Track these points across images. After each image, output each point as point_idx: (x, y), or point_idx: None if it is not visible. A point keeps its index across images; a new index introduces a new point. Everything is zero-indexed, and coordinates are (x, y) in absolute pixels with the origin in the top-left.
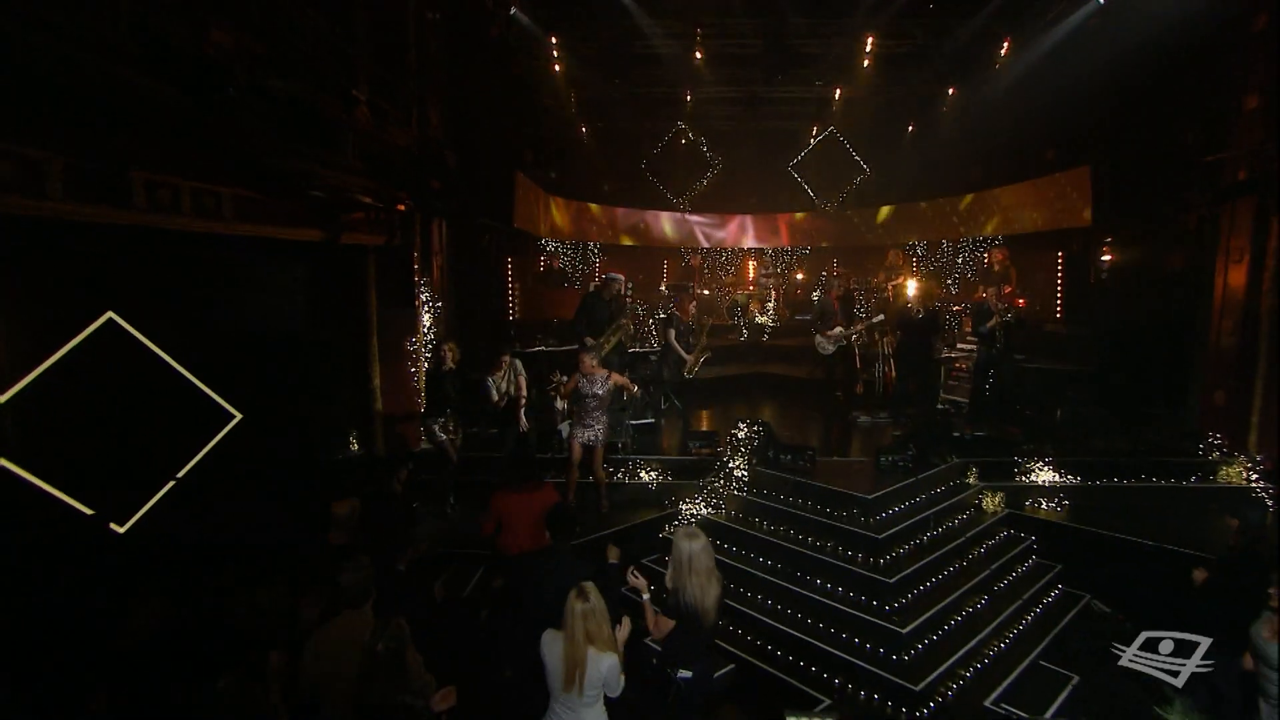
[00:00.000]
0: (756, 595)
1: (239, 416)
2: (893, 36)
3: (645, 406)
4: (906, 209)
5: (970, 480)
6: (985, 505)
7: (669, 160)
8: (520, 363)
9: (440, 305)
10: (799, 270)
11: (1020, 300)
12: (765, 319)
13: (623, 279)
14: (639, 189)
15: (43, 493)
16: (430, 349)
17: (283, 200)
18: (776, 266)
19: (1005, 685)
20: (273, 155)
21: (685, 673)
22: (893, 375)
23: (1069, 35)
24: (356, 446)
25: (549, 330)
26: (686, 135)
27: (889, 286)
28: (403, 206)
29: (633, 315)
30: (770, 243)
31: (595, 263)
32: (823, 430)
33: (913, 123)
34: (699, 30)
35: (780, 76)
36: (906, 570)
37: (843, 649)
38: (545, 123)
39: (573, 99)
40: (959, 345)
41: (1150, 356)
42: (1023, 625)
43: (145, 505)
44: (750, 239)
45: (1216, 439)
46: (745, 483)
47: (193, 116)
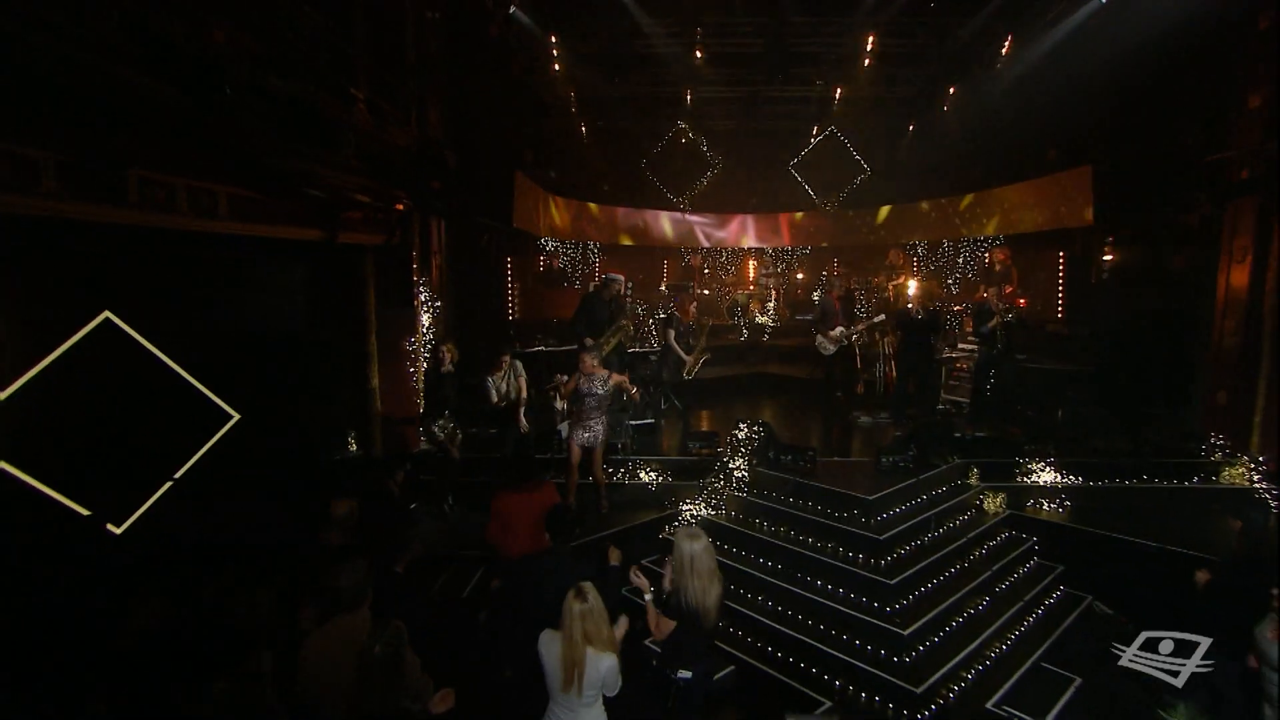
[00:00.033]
0: (757, 596)
1: (236, 417)
2: (893, 35)
3: (645, 407)
4: (907, 209)
5: (971, 481)
6: (986, 506)
7: (669, 160)
8: (520, 364)
9: (439, 305)
10: (799, 270)
11: (1021, 300)
12: (765, 319)
13: (623, 279)
14: (639, 188)
15: (40, 493)
16: (429, 349)
17: (281, 199)
18: (777, 266)
19: (1007, 687)
20: (270, 154)
21: (685, 673)
22: (893, 375)
23: (1070, 34)
24: (355, 447)
25: (548, 330)
26: (686, 135)
27: (890, 286)
28: (401, 206)
29: (633, 315)
30: (771, 242)
31: (595, 262)
32: (823, 431)
33: (913, 122)
34: (699, 29)
35: (780, 76)
36: (908, 571)
37: (843, 651)
38: (545, 122)
39: (572, 98)
40: (960, 345)
41: (1152, 357)
42: (1024, 627)
43: (142, 506)
44: (751, 238)
45: (1219, 440)
46: (745, 483)
47: (190, 115)
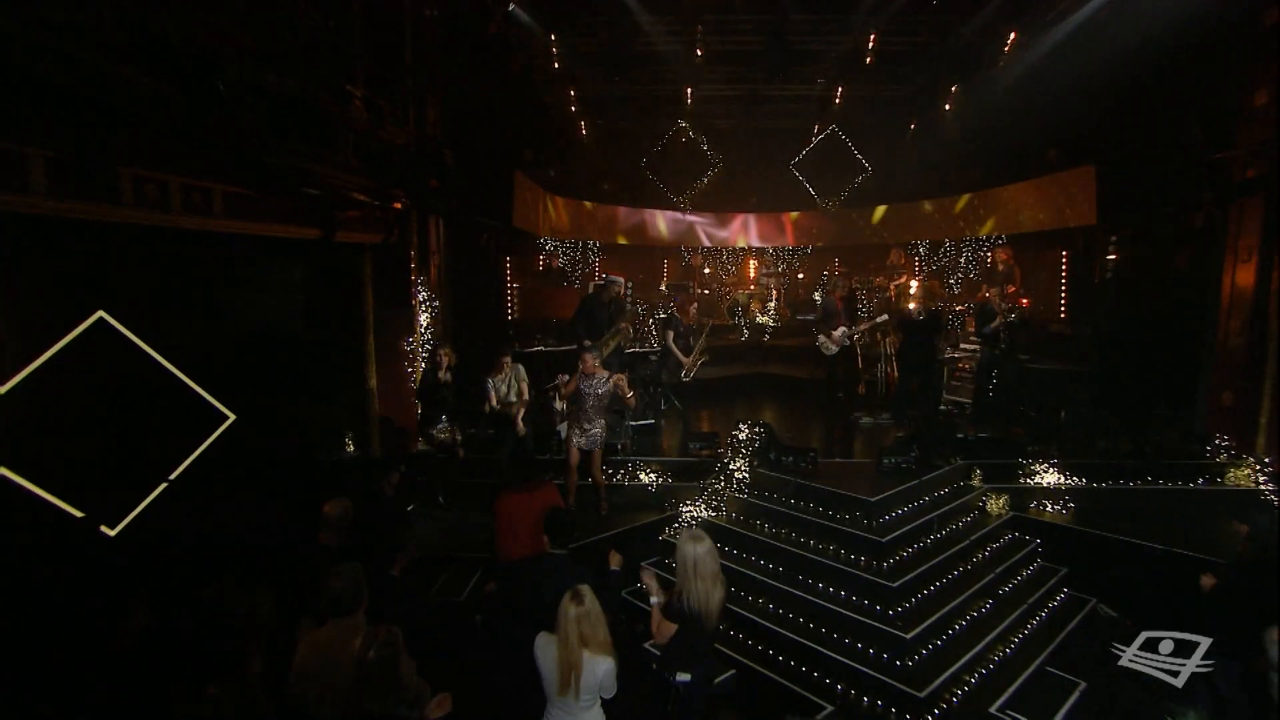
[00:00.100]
0: (757, 599)
1: (232, 417)
2: (895, 34)
3: (645, 407)
4: (908, 208)
5: (974, 482)
6: (989, 508)
7: (669, 159)
8: (522, 368)
9: (438, 305)
10: (800, 270)
11: (1024, 300)
12: (766, 319)
13: (623, 281)
14: (639, 188)
15: (34, 495)
16: (427, 350)
17: (277, 198)
18: (778, 266)
19: (1011, 691)
20: (266, 152)
21: (684, 676)
22: (895, 375)
23: (1072, 32)
24: (352, 448)
25: (548, 330)
26: (687, 134)
27: (891, 286)
28: (399, 205)
29: (633, 316)
30: (772, 242)
31: (595, 262)
32: (824, 431)
33: (915, 121)
34: (699, 27)
35: (781, 74)
36: (910, 574)
37: (845, 654)
38: (545, 121)
39: (572, 97)
40: (962, 345)
41: (1156, 357)
42: (1028, 630)
43: (137, 507)
44: (752, 238)
45: (1224, 441)
46: (746, 485)
47: (182, 111)
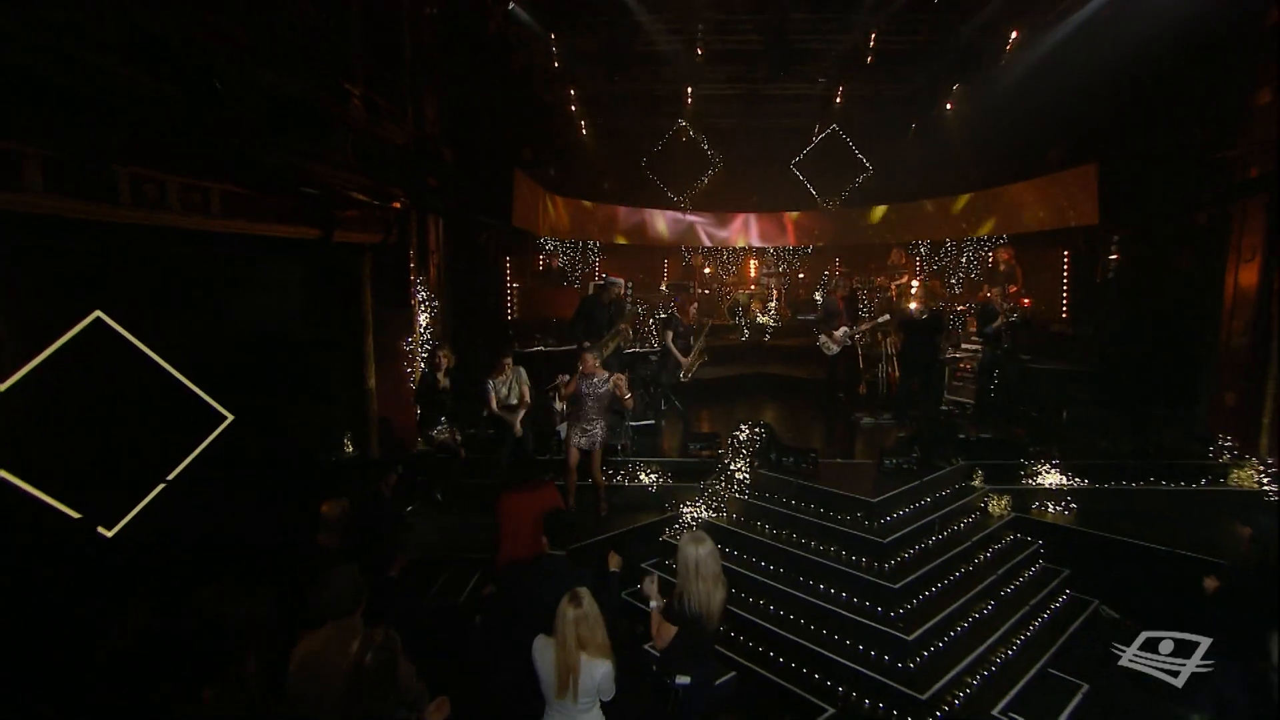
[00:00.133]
0: (758, 600)
1: (230, 418)
2: (896, 32)
3: (645, 407)
4: (909, 208)
5: (976, 483)
6: (991, 508)
7: (669, 158)
8: (524, 371)
9: (437, 305)
10: (801, 270)
11: (1026, 300)
12: (767, 319)
13: (622, 283)
14: (639, 187)
15: (30, 495)
16: (426, 350)
17: (275, 197)
18: (778, 266)
19: (1013, 694)
20: (263, 150)
21: (684, 679)
22: (896, 375)
23: (1074, 31)
24: (351, 448)
25: (548, 330)
26: (687, 133)
27: (892, 286)
28: (398, 204)
29: (633, 316)
30: (772, 242)
31: (595, 262)
32: (825, 432)
33: (916, 120)
34: (700, 26)
35: (782, 73)
36: (911, 575)
37: (846, 656)
38: (544, 120)
39: (572, 96)
40: (963, 346)
41: (1158, 357)
42: (1030, 631)
43: (134, 508)
44: (753, 238)
45: (1227, 441)
46: (746, 485)
47: (180, 110)
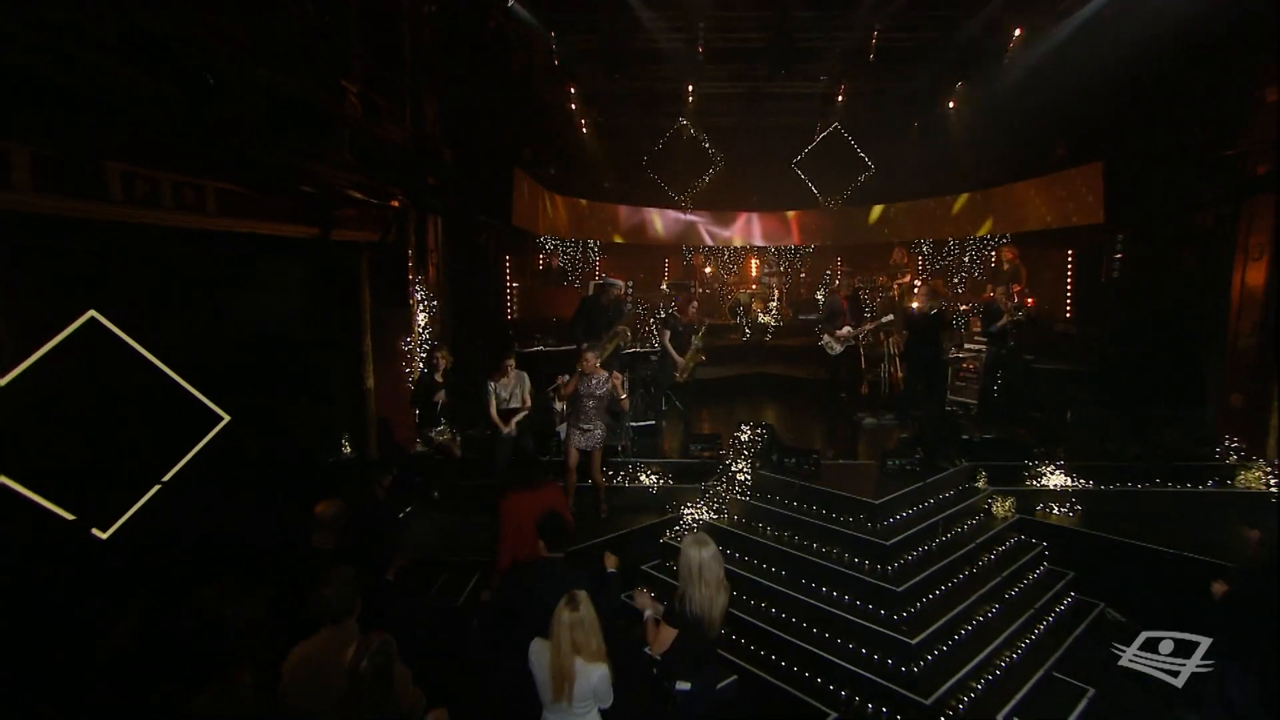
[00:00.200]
0: (760, 603)
1: (226, 418)
2: (898, 30)
3: (646, 408)
4: (911, 207)
5: (979, 484)
6: (995, 510)
7: (670, 157)
8: (528, 377)
9: (436, 304)
10: (803, 269)
11: (1029, 300)
12: (768, 318)
13: (621, 284)
14: (640, 186)
15: (24, 497)
16: (425, 350)
17: (271, 195)
18: (779, 265)
19: (1018, 698)
20: (259, 148)
21: (684, 685)
22: (898, 375)
23: (1079, 28)
24: (349, 449)
25: (547, 330)
26: (688, 131)
27: (894, 285)
28: (397, 203)
29: (633, 316)
30: (774, 241)
31: (595, 261)
32: (827, 432)
33: (918, 119)
34: (701, 24)
35: (783, 71)
36: (915, 578)
37: (849, 660)
38: (544, 119)
39: (572, 94)
40: (966, 345)
41: (1164, 357)
42: (1035, 634)
43: (129, 510)
44: (755, 237)
45: (1234, 443)
46: (748, 486)
47: (174, 107)
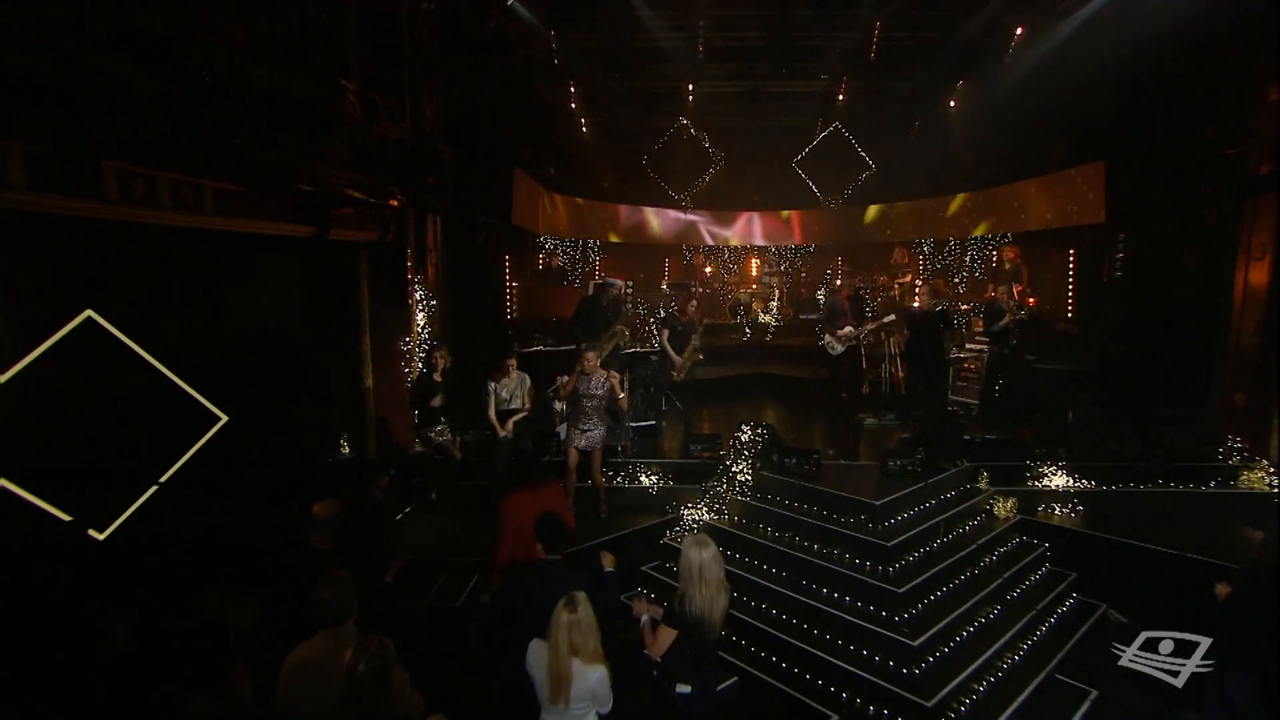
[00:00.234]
0: (760, 604)
1: (224, 418)
2: (898, 29)
3: (646, 408)
4: (912, 206)
5: (981, 485)
6: (997, 511)
7: (670, 156)
8: (529, 379)
9: (435, 304)
10: (803, 269)
11: (1031, 299)
12: (768, 318)
13: (621, 284)
14: (640, 185)
15: (21, 498)
16: (424, 349)
17: (269, 194)
18: (780, 265)
19: (1020, 700)
20: (257, 147)
21: (684, 687)
22: (899, 375)
23: (1080, 27)
24: (348, 449)
25: (547, 329)
26: (688, 131)
27: (895, 285)
28: (396, 202)
29: (632, 316)
30: (775, 241)
31: (595, 261)
32: (828, 433)
33: (919, 118)
34: (701, 23)
35: (784, 70)
36: (916, 579)
37: (850, 661)
38: (544, 118)
39: (572, 93)
40: (967, 345)
41: (1166, 357)
42: (1037, 636)
43: (126, 511)
44: (755, 236)
45: (1236, 443)
46: (748, 487)
47: (171, 105)
